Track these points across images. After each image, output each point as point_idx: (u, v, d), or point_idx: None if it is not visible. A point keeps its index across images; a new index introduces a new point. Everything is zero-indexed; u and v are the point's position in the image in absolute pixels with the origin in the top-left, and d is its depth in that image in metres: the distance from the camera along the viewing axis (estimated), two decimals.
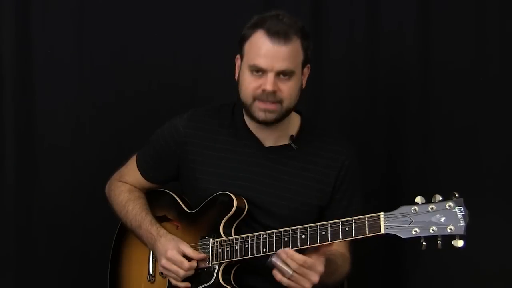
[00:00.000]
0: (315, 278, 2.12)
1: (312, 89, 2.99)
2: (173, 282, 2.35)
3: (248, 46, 2.29)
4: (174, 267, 2.31)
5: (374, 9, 3.00)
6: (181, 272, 2.30)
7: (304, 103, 2.94)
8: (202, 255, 2.31)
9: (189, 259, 2.31)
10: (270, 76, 2.24)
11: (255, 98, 2.28)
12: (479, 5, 2.93)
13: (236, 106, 2.40)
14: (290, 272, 2.11)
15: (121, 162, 2.62)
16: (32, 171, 3.02)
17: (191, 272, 2.31)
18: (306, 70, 2.34)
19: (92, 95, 3.04)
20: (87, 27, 3.02)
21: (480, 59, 2.92)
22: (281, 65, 2.24)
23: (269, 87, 2.24)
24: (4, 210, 3.00)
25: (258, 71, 2.25)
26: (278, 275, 2.14)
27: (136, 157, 2.54)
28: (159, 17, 3.03)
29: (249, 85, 2.28)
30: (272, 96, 2.25)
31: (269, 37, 2.23)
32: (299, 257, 2.11)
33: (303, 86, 2.34)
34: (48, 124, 3.02)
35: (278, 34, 2.22)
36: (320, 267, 2.12)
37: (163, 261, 2.32)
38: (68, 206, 3.04)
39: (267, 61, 2.23)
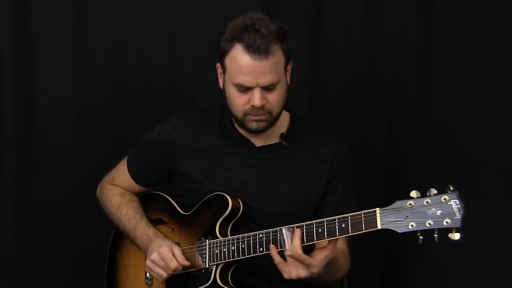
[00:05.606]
0: (303, 273, 2.10)
1: (311, 89, 3.02)
2: (156, 277, 2.32)
3: (228, 62, 2.24)
4: (162, 263, 2.28)
5: (374, 8, 3.00)
6: (164, 274, 2.29)
7: (304, 102, 2.99)
8: (187, 263, 2.29)
9: None
10: (257, 92, 2.21)
11: (245, 114, 2.26)
12: (479, 5, 2.93)
13: (224, 108, 2.37)
14: (287, 248, 2.11)
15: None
16: (32, 171, 3.03)
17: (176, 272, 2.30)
18: (289, 67, 2.30)
19: (92, 95, 3.04)
20: (87, 27, 3.03)
21: (480, 60, 2.92)
22: (265, 80, 2.21)
23: (257, 103, 2.21)
24: (4, 209, 3.01)
25: (243, 88, 2.23)
26: (274, 248, 2.14)
27: (127, 160, 2.52)
28: (159, 17, 3.03)
29: (237, 101, 2.26)
30: (261, 110, 2.24)
31: (249, 53, 2.18)
32: (301, 253, 2.09)
33: (289, 83, 2.31)
34: (48, 124, 3.03)
35: (258, 50, 2.17)
36: (314, 269, 2.10)
37: (154, 255, 2.29)
38: (68, 205, 3.04)
39: (251, 79, 2.20)
